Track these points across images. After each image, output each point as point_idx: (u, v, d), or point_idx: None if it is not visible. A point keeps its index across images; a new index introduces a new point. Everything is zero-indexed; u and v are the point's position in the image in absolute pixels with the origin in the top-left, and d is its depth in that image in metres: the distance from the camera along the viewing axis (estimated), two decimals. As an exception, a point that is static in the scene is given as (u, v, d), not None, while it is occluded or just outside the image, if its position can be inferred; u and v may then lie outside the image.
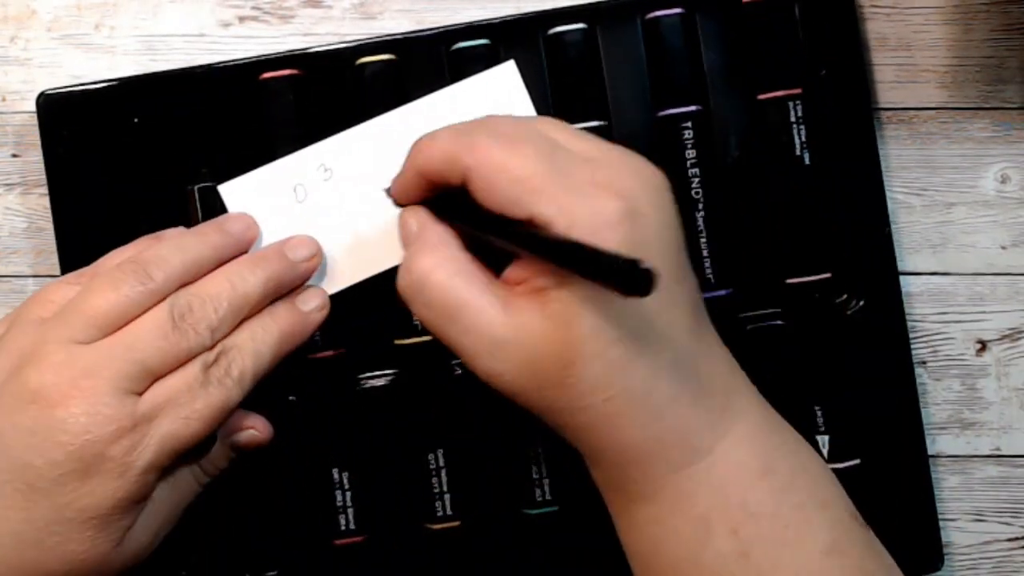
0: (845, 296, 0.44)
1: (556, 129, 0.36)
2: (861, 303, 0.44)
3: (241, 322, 0.39)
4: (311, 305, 0.41)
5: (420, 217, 0.37)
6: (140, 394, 0.37)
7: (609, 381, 0.33)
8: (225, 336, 0.39)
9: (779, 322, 0.44)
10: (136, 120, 0.45)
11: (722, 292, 0.44)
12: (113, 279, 0.38)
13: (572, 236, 0.32)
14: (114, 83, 0.45)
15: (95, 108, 0.45)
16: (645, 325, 0.34)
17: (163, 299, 0.38)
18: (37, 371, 0.36)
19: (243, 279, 0.39)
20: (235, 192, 0.44)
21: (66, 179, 0.45)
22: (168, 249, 0.39)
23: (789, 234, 0.44)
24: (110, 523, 0.37)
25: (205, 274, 0.40)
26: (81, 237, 0.45)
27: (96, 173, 0.45)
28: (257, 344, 0.39)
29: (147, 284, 0.38)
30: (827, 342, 0.44)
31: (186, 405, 0.37)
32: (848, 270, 0.44)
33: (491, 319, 0.34)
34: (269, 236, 0.43)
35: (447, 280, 0.35)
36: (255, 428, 0.41)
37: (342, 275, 0.44)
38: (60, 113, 0.44)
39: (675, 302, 0.34)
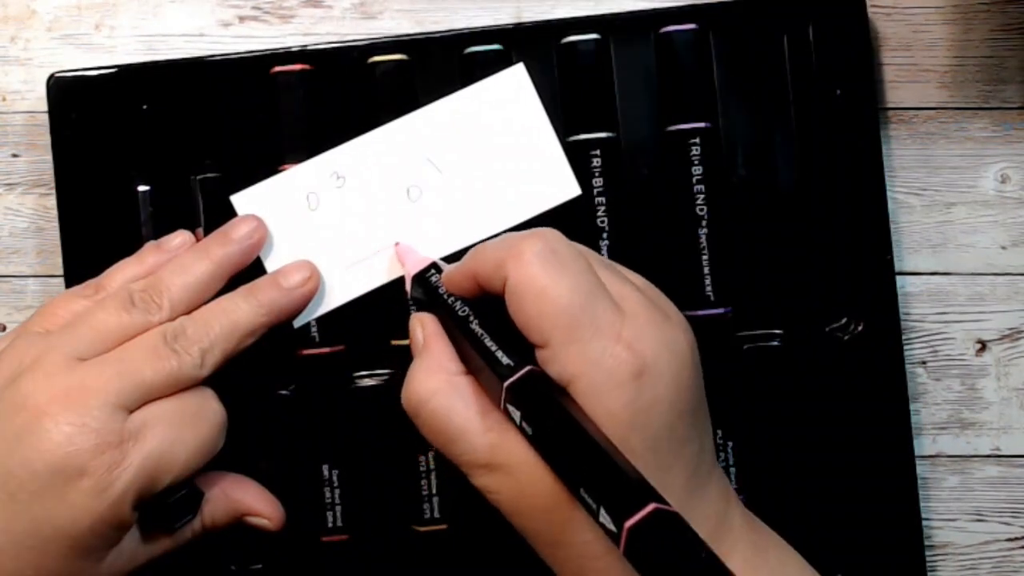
0: (844, 320, 0.44)
1: (599, 264, 0.37)
2: (860, 327, 0.44)
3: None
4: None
5: (428, 328, 0.38)
6: (131, 412, 0.37)
7: (591, 527, 0.33)
8: (219, 365, 0.39)
9: (776, 343, 0.44)
10: (144, 107, 0.45)
11: (720, 310, 0.44)
12: (123, 302, 0.39)
13: (573, 386, 0.33)
14: (125, 68, 0.45)
15: (105, 93, 0.45)
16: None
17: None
18: (32, 379, 0.36)
19: (236, 307, 0.40)
20: (247, 201, 0.44)
21: (72, 162, 0.45)
22: (173, 274, 0.40)
23: (790, 256, 0.44)
24: (86, 545, 0.36)
25: (211, 290, 0.40)
26: (85, 223, 0.45)
27: (102, 158, 0.45)
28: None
29: (155, 314, 0.39)
30: (823, 365, 0.44)
31: (174, 430, 0.37)
32: (849, 299, 0.44)
33: (487, 445, 0.35)
34: (281, 245, 0.44)
35: (445, 407, 0.36)
36: (270, 520, 0.41)
37: (354, 283, 0.44)
38: (70, 96, 0.45)
39: (674, 463, 0.34)
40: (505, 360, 0.35)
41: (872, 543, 0.44)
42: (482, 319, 0.37)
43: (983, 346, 0.46)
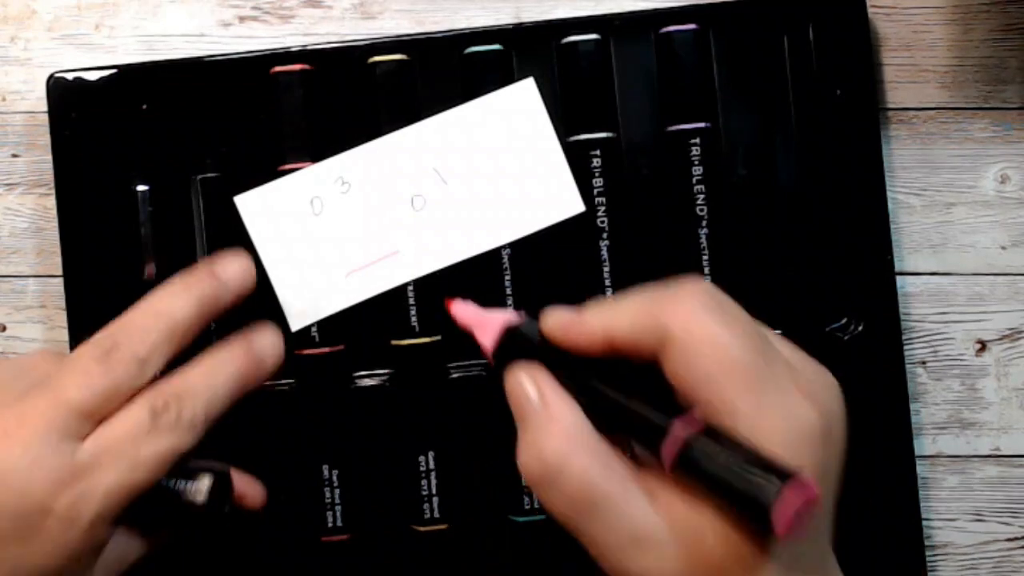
0: (844, 320, 0.44)
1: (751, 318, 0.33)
2: (860, 327, 0.44)
3: (191, 355, 0.38)
4: (266, 350, 0.39)
5: (543, 383, 0.33)
6: (82, 439, 0.35)
7: None
8: (163, 364, 0.37)
9: None
10: (144, 107, 0.45)
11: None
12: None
13: (760, 441, 0.30)
14: (125, 68, 0.45)
15: (105, 93, 0.45)
16: (811, 551, 0.31)
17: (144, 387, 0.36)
18: None
19: (170, 305, 0.37)
20: (251, 203, 0.44)
21: (72, 162, 0.45)
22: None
23: (790, 256, 0.44)
24: (68, 573, 0.35)
25: (192, 337, 0.38)
26: (85, 223, 0.45)
27: (102, 158, 0.45)
28: (210, 386, 0.37)
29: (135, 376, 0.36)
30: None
31: (130, 453, 0.35)
32: (849, 299, 0.44)
33: (641, 513, 0.30)
34: (285, 248, 0.44)
35: (588, 468, 0.31)
36: (250, 498, 0.40)
37: (354, 290, 0.44)
38: (70, 96, 0.45)
39: (830, 530, 0.32)
40: (658, 417, 0.31)
41: (872, 543, 0.44)
42: (613, 372, 0.33)
43: (983, 346, 0.46)
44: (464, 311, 0.37)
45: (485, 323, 0.36)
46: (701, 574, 0.30)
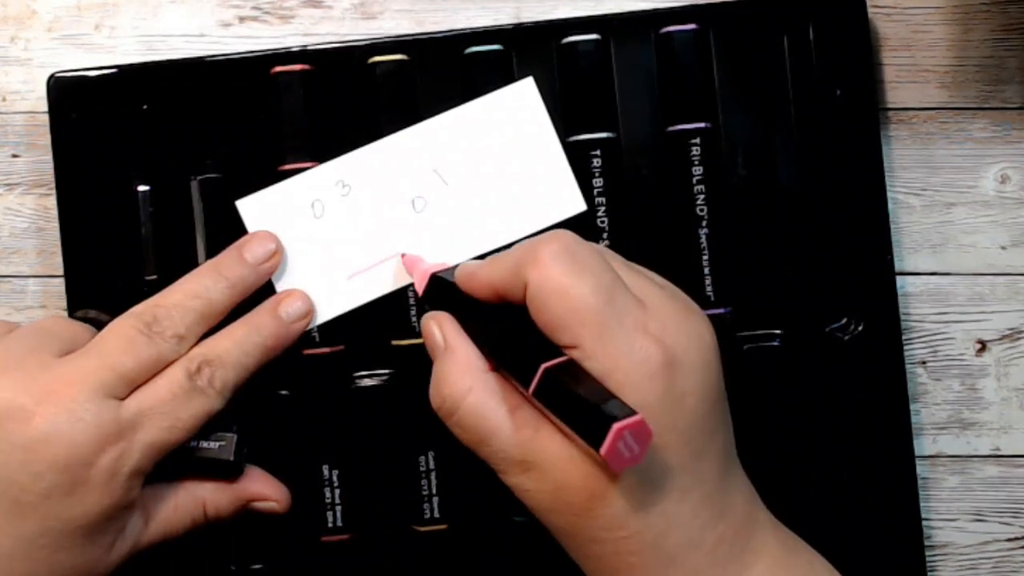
0: (844, 320, 0.44)
1: (617, 262, 0.37)
2: (860, 327, 0.44)
3: (220, 327, 0.41)
4: (294, 315, 0.42)
5: (446, 328, 0.38)
6: (121, 400, 0.38)
7: (627, 521, 0.34)
8: (195, 343, 0.40)
9: (776, 343, 0.44)
10: (144, 107, 0.45)
11: (720, 310, 0.44)
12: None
13: (607, 382, 0.33)
14: (125, 68, 0.45)
15: (105, 93, 0.45)
16: (672, 472, 0.34)
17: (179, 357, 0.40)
18: (10, 380, 0.37)
19: (207, 288, 0.41)
20: (252, 207, 0.44)
21: (72, 162, 0.45)
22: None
23: (790, 256, 0.44)
24: (98, 531, 0.37)
25: (223, 315, 0.41)
26: (85, 223, 0.45)
27: (102, 158, 0.45)
28: (239, 355, 0.40)
29: (169, 348, 0.39)
30: (823, 365, 0.44)
31: (170, 413, 0.38)
32: (849, 299, 0.44)
33: (521, 442, 0.35)
34: (285, 251, 0.44)
35: (480, 405, 0.36)
36: (277, 502, 0.42)
37: (356, 293, 0.44)
38: (70, 96, 0.45)
39: (705, 452, 0.35)
40: (530, 356, 0.34)
41: (872, 543, 0.44)
42: (503, 317, 0.37)
43: (983, 346, 0.46)
44: (408, 260, 0.43)
45: (420, 270, 0.42)
46: (565, 496, 0.34)
